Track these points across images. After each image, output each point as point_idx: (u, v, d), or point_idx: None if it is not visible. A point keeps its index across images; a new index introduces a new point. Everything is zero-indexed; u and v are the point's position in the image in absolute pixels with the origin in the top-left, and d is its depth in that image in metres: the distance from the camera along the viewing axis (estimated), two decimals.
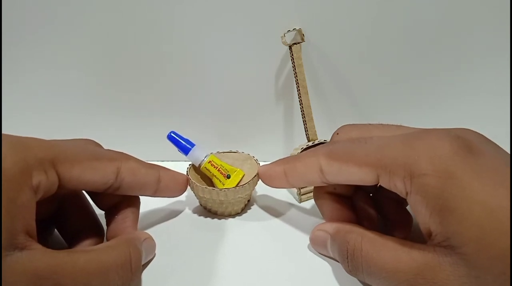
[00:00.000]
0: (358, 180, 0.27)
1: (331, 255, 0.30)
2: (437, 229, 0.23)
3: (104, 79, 0.39)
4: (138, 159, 0.30)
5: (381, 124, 0.29)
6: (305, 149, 0.37)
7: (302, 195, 0.37)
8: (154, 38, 0.37)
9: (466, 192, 0.22)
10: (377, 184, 0.26)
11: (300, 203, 0.37)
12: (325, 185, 0.29)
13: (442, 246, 0.23)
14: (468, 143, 0.24)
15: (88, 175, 0.26)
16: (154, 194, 0.31)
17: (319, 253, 0.31)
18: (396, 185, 0.25)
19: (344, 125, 0.30)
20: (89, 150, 0.28)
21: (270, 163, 0.32)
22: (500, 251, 0.20)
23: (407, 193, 0.24)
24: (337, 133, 0.30)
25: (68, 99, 0.40)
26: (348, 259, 0.26)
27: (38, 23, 0.37)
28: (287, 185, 0.31)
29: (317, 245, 0.31)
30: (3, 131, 0.24)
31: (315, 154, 0.28)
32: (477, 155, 0.23)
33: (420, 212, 0.24)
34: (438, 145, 0.23)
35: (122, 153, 0.30)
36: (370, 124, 0.29)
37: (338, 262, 0.29)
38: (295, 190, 0.37)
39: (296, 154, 0.36)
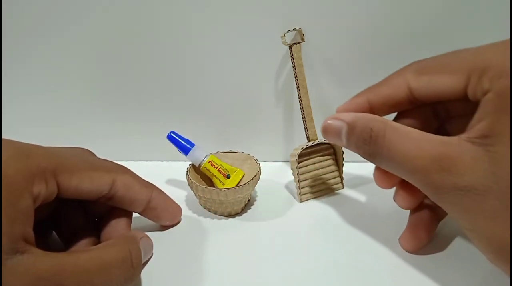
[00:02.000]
0: (447, 88, 0.26)
1: (344, 144, 0.29)
2: (486, 125, 0.23)
3: (104, 78, 0.39)
4: (135, 174, 0.31)
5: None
6: (305, 149, 0.37)
7: (302, 195, 0.37)
8: (154, 37, 0.37)
9: None
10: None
11: (300, 203, 0.37)
12: (409, 106, 0.29)
13: (471, 141, 0.23)
14: None
15: (85, 185, 0.27)
16: (142, 212, 0.31)
17: (329, 142, 0.32)
18: (483, 85, 0.24)
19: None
20: (88, 160, 0.29)
21: (346, 102, 0.31)
22: None
23: (487, 92, 0.24)
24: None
25: (67, 99, 0.40)
26: (369, 144, 0.27)
27: (37, 25, 0.37)
28: (369, 112, 0.30)
29: (329, 134, 0.30)
30: (3, 132, 0.25)
31: (401, 73, 0.29)
32: None
33: (483, 109, 0.24)
34: None
35: (120, 165, 0.30)
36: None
37: (351, 150, 0.29)
38: (295, 190, 0.37)
39: (296, 154, 0.36)
